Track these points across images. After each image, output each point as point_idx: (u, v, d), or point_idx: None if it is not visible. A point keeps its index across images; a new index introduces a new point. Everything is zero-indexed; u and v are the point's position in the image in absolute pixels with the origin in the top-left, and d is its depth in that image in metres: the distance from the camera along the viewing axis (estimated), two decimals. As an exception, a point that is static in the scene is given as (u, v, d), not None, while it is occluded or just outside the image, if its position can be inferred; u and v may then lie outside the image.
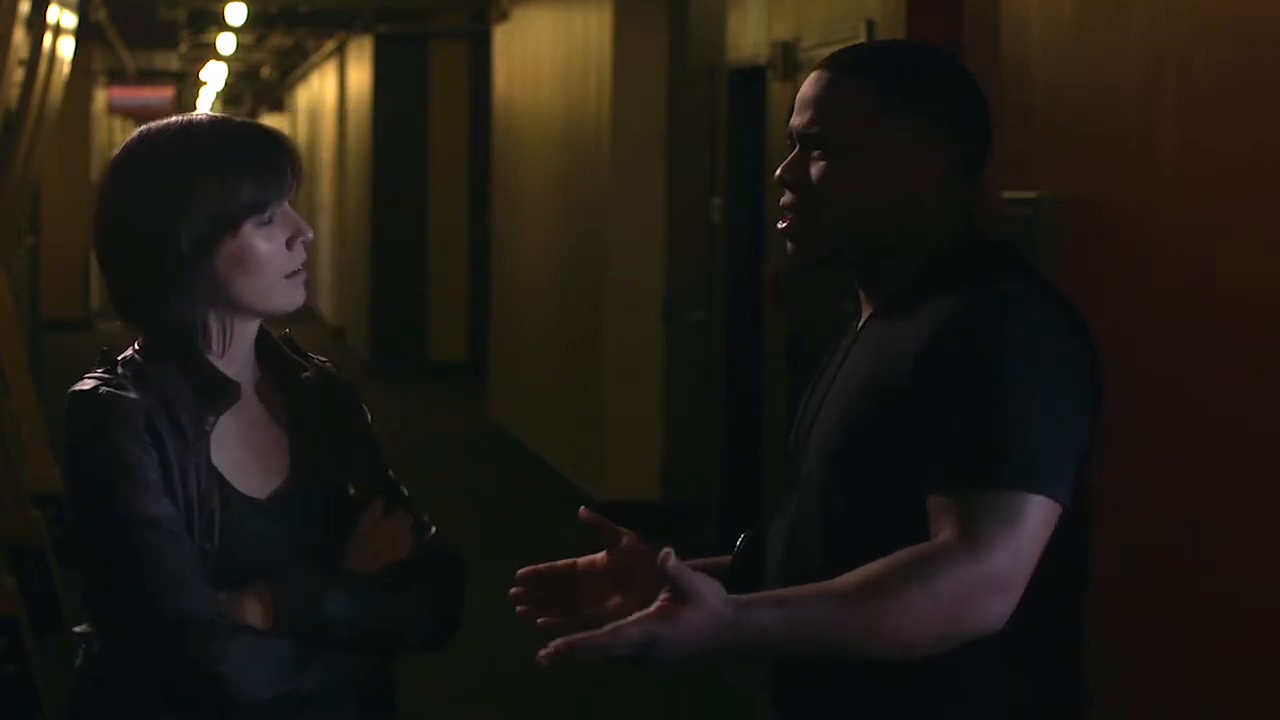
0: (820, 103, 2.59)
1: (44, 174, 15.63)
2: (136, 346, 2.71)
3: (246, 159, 2.65)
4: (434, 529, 2.77)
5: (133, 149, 2.70)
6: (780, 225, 2.62)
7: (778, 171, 2.62)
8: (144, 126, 2.73)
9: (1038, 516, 2.35)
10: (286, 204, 2.67)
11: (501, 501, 11.64)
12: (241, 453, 2.68)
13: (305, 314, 2.80)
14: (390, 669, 2.77)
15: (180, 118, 2.71)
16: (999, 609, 2.33)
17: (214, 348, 2.67)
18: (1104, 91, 4.82)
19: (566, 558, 2.81)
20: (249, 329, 2.71)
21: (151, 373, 2.65)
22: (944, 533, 2.34)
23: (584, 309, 11.35)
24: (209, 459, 2.63)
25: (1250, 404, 4.07)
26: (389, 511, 2.73)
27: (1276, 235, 4.00)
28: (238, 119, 2.74)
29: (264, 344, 2.76)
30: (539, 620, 2.70)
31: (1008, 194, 5.05)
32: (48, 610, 8.07)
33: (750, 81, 9.15)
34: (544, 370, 12.66)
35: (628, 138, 10.63)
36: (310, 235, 2.70)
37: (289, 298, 2.68)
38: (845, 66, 2.61)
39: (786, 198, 2.62)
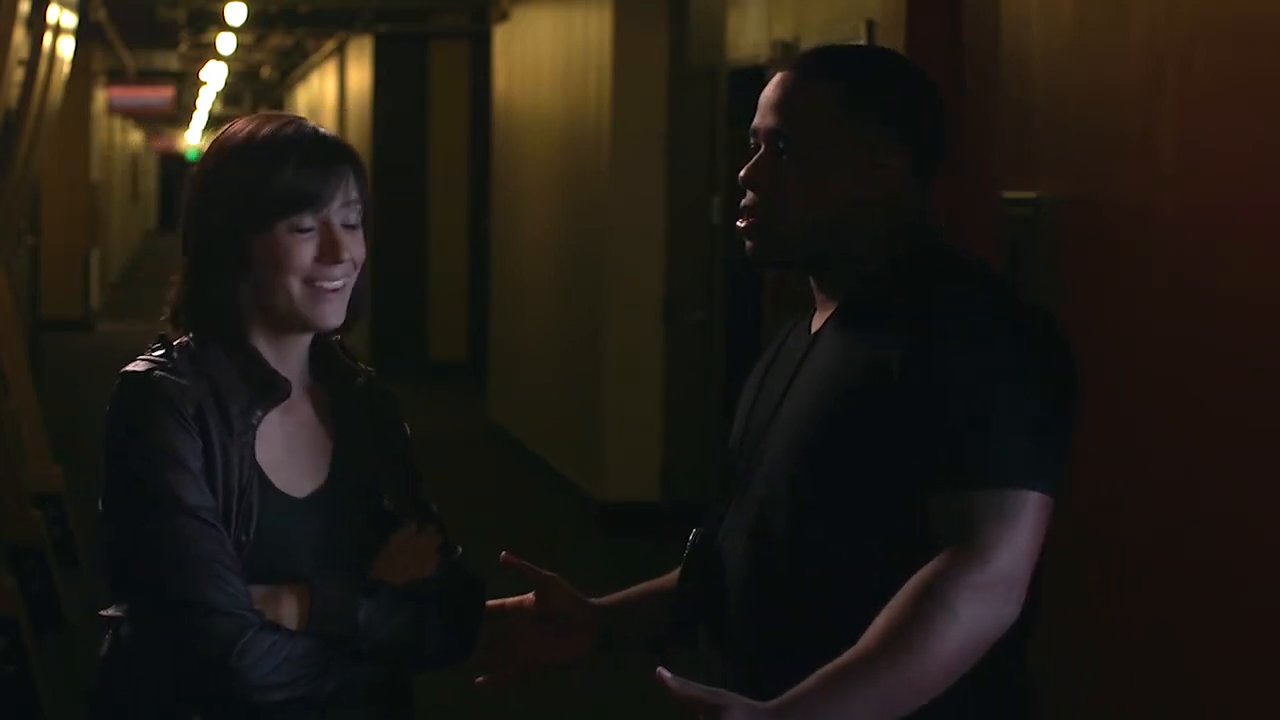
0: (784, 105, 2.62)
1: (44, 174, 15.63)
2: (189, 337, 2.71)
3: (302, 162, 2.65)
4: (460, 550, 2.78)
5: (215, 140, 2.74)
6: (740, 224, 2.66)
7: (741, 173, 2.65)
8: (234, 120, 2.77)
9: (1034, 511, 2.41)
10: (338, 223, 2.67)
11: (501, 501, 11.63)
12: (284, 451, 2.69)
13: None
14: (408, 676, 2.77)
15: (265, 112, 2.74)
16: (1012, 607, 2.39)
17: (262, 347, 2.68)
18: (1104, 91, 4.82)
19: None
20: (295, 335, 2.71)
21: (206, 361, 2.65)
22: (946, 545, 2.38)
23: (584, 309, 11.35)
24: (253, 453, 2.64)
25: (1250, 404, 4.06)
26: (421, 528, 2.74)
27: (1276, 235, 4.00)
28: (319, 129, 2.72)
29: (318, 347, 2.77)
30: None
31: (1008, 194, 5.05)
32: (48, 610, 8.08)
33: (750, 81, 9.15)
34: (544, 370, 12.66)
35: (628, 138, 10.63)
36: (348, 257, 2.67)
37: (308, 308, 2.67)
38: (810, 69, 2.64)
39: (748, 198, 2.65)
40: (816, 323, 2.66)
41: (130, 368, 2.65)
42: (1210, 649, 4.16)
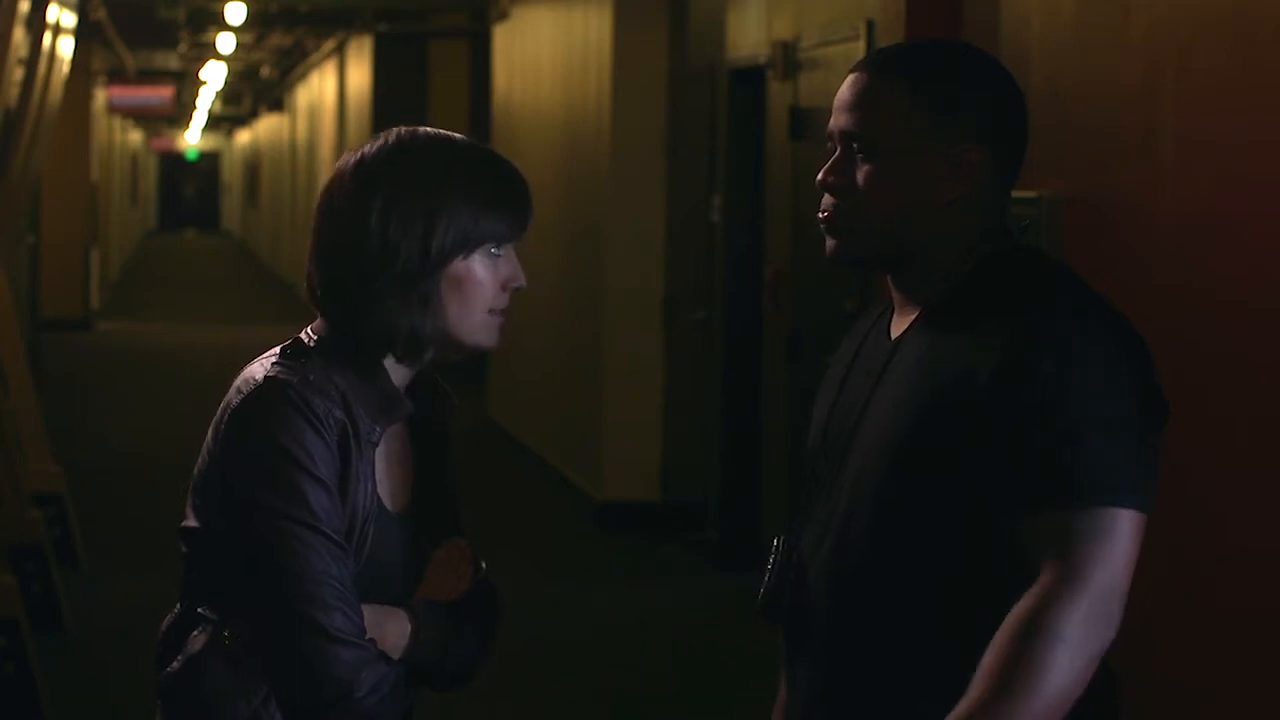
0: (857, 104, 2.58)
1: (44, 174, 15.64)
2: (314, 342, 2.64)
3: (503, 188, 2.67)
4: (483, 565, 2.77)
5: (389, 150, 2.65)
6: (821, 216, 2.62)
7: (819, 175, 2.62)
8: (397, 131, 2.67)
9: (1127, 529, 2.41)
10: (512, 249, 2.69)
11: (501, 501, 11.64)
12: (385, 467, 2.66)
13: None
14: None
15: (435, 130, 2.68)
16: (1114, 625, 2.41)
17: (415, 364, 2.66)
18: (1104, 91, 4.82)
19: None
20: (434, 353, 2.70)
21: (336, 373, 2.60)
22: (1043, 574, 2.40)
23: (584, 309, 11.35)
24: (374, 472, 2.61)
25: (1250, 404, 4.07)
26: (455, 543, 2.73)
27: (1277, 235, 4.00)
28: (490, 148, 2.72)
29: None
30: None
31: (1008, 194, 5.05)
32: (48, 610, 8.08)
33: (750, 81, 9.16)
34: (544, 370, 12.67)
35: (628, 138, 10.63)
36: (523, 284, 2.70)
37: (486, 335, 2.69)
38: (881, 67, 2.60)
39: (827, 199, 2.61)
40: (897, 327, 2.63)
41: (272, 374, 2.57)
42: (1209, 649, 4.16)
